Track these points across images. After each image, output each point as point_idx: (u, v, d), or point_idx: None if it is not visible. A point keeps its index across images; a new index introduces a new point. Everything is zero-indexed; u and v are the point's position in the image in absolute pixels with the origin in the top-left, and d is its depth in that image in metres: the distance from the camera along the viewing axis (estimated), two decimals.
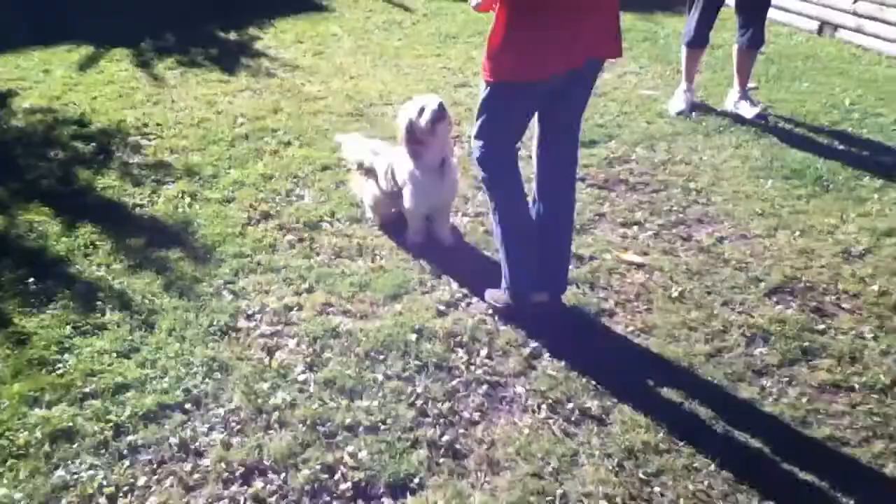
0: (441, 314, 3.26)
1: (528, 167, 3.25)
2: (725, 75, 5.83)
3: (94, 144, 4.76)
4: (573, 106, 2.92)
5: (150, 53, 6.45)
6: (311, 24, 7.38)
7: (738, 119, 5.30)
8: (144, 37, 6.73)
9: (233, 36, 6.99)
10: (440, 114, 3.19)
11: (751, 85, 5.56)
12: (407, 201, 3.44)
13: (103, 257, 3.61)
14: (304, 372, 2.92)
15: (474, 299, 3.35)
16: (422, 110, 3.21)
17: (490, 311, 3.25)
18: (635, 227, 4.02)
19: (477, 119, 2.89)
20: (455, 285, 3.44)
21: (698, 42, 5.23)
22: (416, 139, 3.27)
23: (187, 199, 4.15)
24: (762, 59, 6.11)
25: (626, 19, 5.74)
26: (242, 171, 4.47)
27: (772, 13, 5.34)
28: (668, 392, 2.89)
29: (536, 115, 2.92)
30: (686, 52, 5.36)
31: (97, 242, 3.72)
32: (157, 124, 5.07)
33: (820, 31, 7.30)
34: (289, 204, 4.17)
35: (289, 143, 4.84)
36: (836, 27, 7.19)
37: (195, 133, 4.94)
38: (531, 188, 3.10)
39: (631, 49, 6.53)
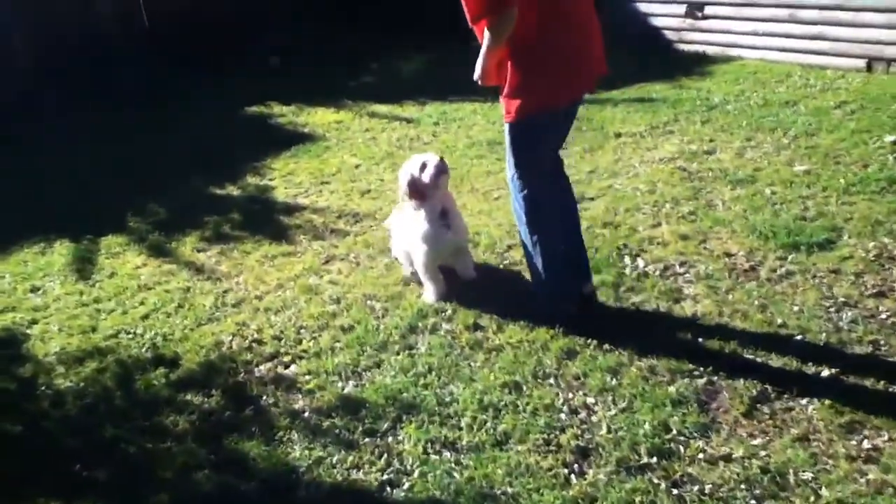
0: None
1: None
2: None
3: (214, 397, 3.22)
4: (571, 123, 3.20)
5: (151, 234, 4.93)
6: (312, 159, 6.11)
7: None
8: (126, 213, 5.12)
9: (235, 191, 5.54)
10: (442, 168, 3.40)
11: None
12: (418, 256, 3.55)
13: None
14: None
15: None
16: (423, 166, 3.39)
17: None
18: None
19: (511, 159, 3.09)
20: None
21: None
22: (418, 193, 3.43)
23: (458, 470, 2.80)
24: None
25: None
26: (469, 386, 3.13)
27: None
28: None
29: None
30: None
31: None
32: (275, 338, 3.58)
33: None
34: None
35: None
36: None
37: (333, 336, 3.55)
38: None
39: None
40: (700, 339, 3.21)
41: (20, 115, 7.27)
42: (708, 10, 7.59)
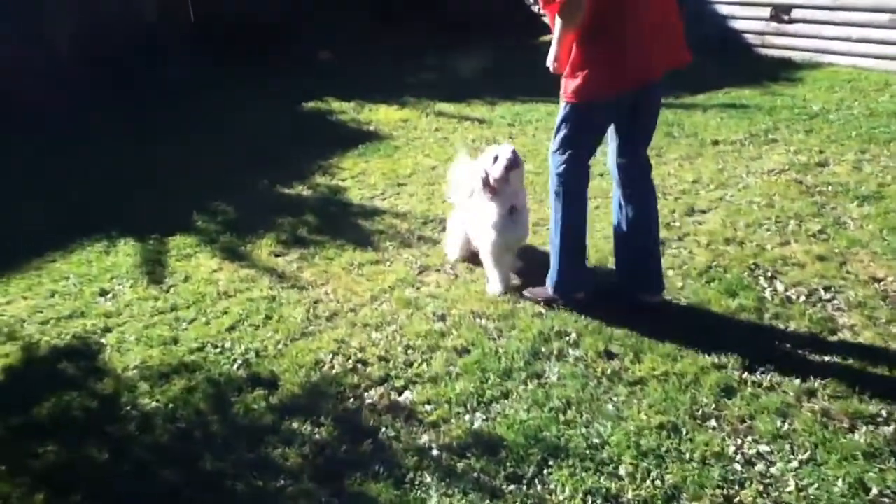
0: None
1: None
2: None
3: (325, 427, 2.83)
4: (651, 116, 3.14)
5: (223, 235, 4.58)
6: (383, 159, 5.80)
7: None
8: (191, 212, 4.82)
9: (305, 191, 5.18)
10: (514, 161, 3.30)
11: None
12: (485, 245, 3.51)
13: None
14: None
15: None
16: (496, 159, 3.32)
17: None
18: None
19: (556, 135, 3.10)
20: None
21: None
22: (490, 186, 3.38)
23: None
24: None
25: None
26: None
27: None
28: None
29: (614, 127, 3.13)
30: None
31: None
32: (381, 358, 3.21)
33: None
34: None
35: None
36: None
37: (446, 358, 3.17)
38: (614, 194, 3.29)
39: None
40: (870, 377, 2.81)
41: (68, 114, 6.93)
42: (795, 13, 7.15)
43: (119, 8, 8.39)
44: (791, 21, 7.23)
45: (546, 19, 2.96)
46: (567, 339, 3.21)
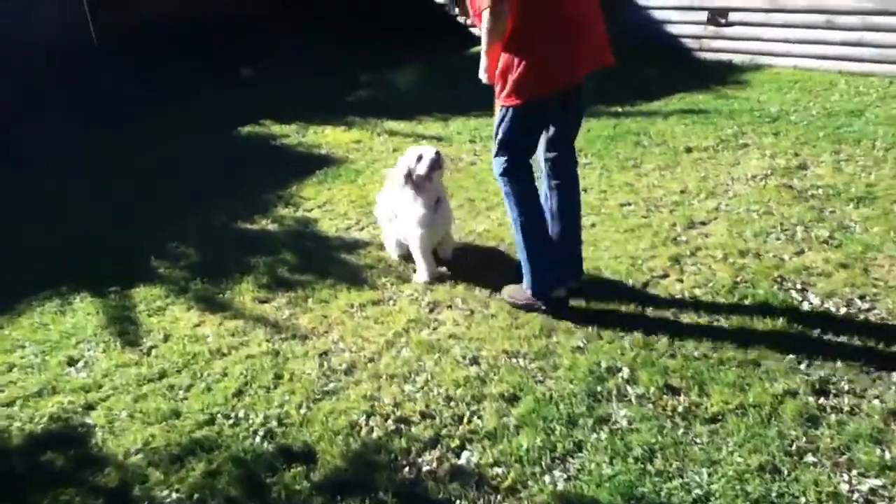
0: None
1: None
2: None
3: None
4: (578, 113, 3.29)
5: (191, 281, 4.15)
6: (346, 185, 5.49)
7: None
8: (147, 255, 4.44)
9: (270, 225, 4.82)
10: (437, 162, 3.56)
11: None
12: (413, 239, 3.74)
13: None
14: None
15: None
16: (420, 157, 3.55)
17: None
18: None
19: (495, 139, 3.19)
20: None
21: None
22: (413, 184, 3.60)
23: None
24: None
25: None
26: None
27: None
28: None
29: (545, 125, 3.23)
30: None
31: None
32: (424, 415, 2.92)
33: None
34: None
35: None
36: None
37: (496, 409, 2.89)
38: (542, 188, 3.38)
39: None
40: None
41: None
42: (732, 16, 7.23)
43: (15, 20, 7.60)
44: (728, 24, 7.31)
45: (475, 30, 2.98)
46: (620, 375, 2.98)
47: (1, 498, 2.63)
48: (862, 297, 3.38)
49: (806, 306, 3.35)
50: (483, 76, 3.13)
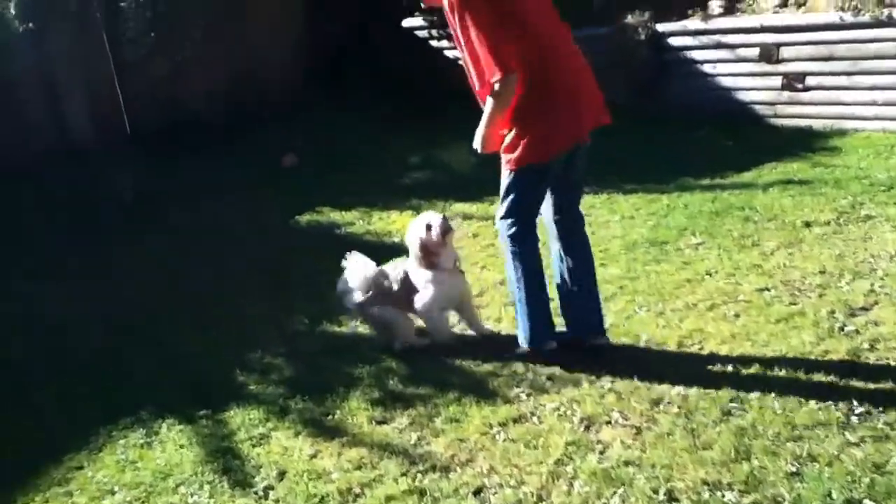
0: None
1: None
2: None
3: None
4: (580, 171, 3.43)
5: (290, 399, 3.66)
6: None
7: None
8: (231, 369, 3.89)
9: (362, 327, 4.24)
10: (446, 227, 3.64)
11: None
12: (422, 303, 3.71)
13: None
14: None
15: None
16: (429, 227, 3.61)
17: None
18: None
19: (504, 202, 3.35)
20: None
21: None
22: (430, 252, 3.64)
23: None
24: None
25: None
26: None
27: None
28: None
29: (550, 187, 3.36)
30: None
31: None
32: None
33: None
34: None
35: None
36: None
37: None
38: (552, 251, 3.53)
39: None
40: None
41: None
42: (810, 80, 6.88)
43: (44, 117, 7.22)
44: (806, 89, 6.95)
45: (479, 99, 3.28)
46: None
47: None
48: None
49: None
50: (478, 145, 3.26)
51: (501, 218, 3.41)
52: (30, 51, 6.72)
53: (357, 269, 3.91)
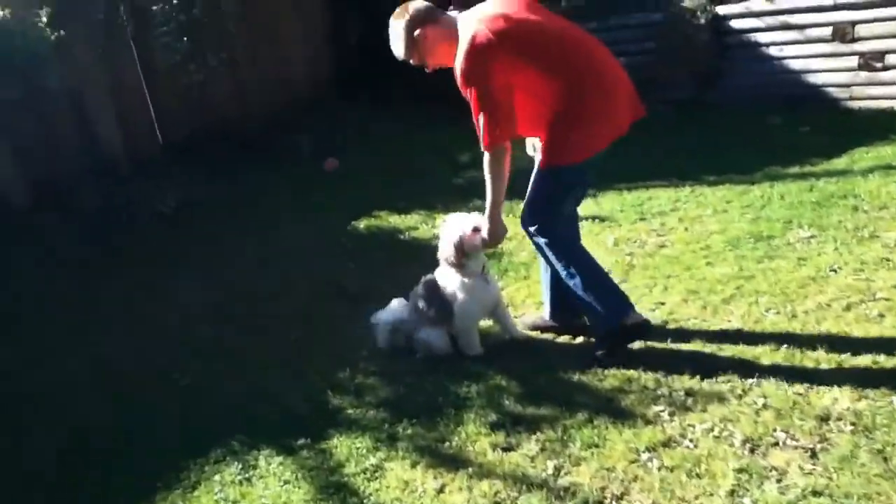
0: None
1: None
2: None
3: None
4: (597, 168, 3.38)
5: (399, 426, 3.29)
6: (519, 281, 4.72)
7: None
8: (325, 394, 3.59)
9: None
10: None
11: None
12: (460, 313, 3.59)
13: None
14: None
15: None
16: (477, 229, 3.46)
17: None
18: None
19: (538, 203, 3.32)
20: None
21: None
22: (462, 253, 3.50)
23: None
24: None
25: None
26: None
27: None
28: None
29: None
30: None
31: None
32: None
33: None
34: None
35: None
36: None
37: None
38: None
39: None
40: None
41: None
42: (889, 58, 6.45)
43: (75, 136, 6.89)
44: (885, 68, 6.53)
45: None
46: None
47: None
48: None
49: None
50: (485, 232, 3.36)
51: (543, 221, 3.33)
52: (59, 59, 6.41)
53: (392, 307, 3.91)
